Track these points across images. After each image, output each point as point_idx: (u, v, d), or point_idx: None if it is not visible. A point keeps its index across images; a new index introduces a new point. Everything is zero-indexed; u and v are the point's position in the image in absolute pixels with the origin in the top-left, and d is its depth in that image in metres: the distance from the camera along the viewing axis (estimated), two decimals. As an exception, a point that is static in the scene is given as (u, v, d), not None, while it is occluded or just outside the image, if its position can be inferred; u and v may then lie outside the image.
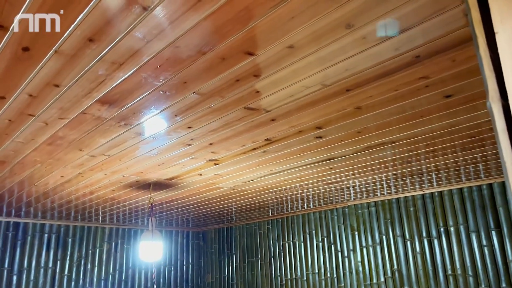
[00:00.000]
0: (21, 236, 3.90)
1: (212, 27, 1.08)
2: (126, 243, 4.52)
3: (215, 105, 1.57)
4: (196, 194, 3.19)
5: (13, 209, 3.56)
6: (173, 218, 4.38)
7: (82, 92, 1.42)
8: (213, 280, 4.92)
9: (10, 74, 1.27)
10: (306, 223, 4.13)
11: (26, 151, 2.02)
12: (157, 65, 1.26)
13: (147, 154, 2.16)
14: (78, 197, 3.15)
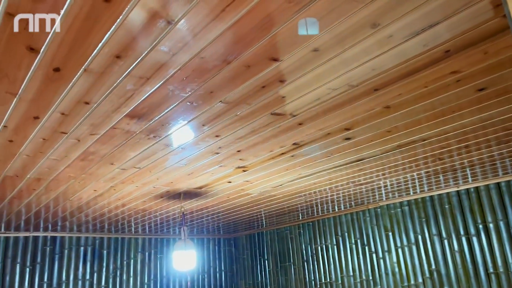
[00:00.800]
0: (58, 250, 4.01)
1: (236, 36, 1.08)
2: (159, 253, 4.58)
3: (242, 113, 1.58)
4: (226, 201, 3.20)
5: (50, 224, 3.66)
6: (204, 226, 4.40)
7: (112, 107, 1.44)
8: (247, 286, 4.91)
9: (43, 95, 1.31)
10: (338, 225, 4.08)
11: (60, 167, 2.07)
12: (183, 77, 1.27)
13: (177, 165, 2.18)
14: (110, 210, 3.21)
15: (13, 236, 3.81)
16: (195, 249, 2.82)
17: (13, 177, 2.17)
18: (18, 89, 1.26)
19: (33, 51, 1.07)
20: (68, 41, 1.05)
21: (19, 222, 3.44)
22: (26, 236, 3.88)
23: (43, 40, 1.03)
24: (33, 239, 3.91)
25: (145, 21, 0.99)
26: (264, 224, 4.55)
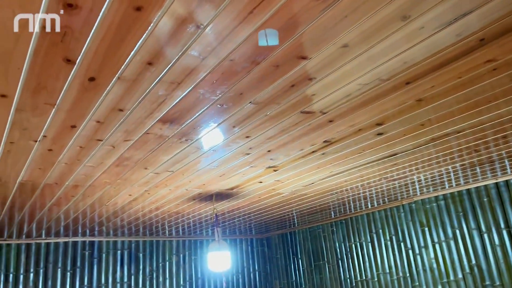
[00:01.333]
0: (96, 254, 4.12)
1: (264, 36, 1.09)
2: (193, 254, 4.64)
3: (272, 113, 1.58)
4: (257, 201, 3.21)
5: (88, 229, 3.77)
6: (236, 227, 4.43)
7: (145, 113, 1.48)
8: (281, 286, 4.91)
9: (79, 104, 1.35)
10: (371, 222, 4.02)
11: (96, 174, 2.13)
12: (213, 80, 1.29)
13: (208, 167, 2.20)
14: (145, 214, 3.28)
15: (54, 241, 3.95)
16: (229, 249, 2.84)
17: (52, 185, 2.25)
18: (56, 100, 1.30)
19: (69, 62, 1.11)
20: (102, 51, 1.08)
21: (58, 228, 3.57)
22: (66, 242, 4.01)
23: (78, 51, 1.06)
24: (72, 244, 4.03)
25: (175, 27, 1.01)
26: (296, 223, 4.53)
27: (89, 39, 1.02)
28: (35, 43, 1.01)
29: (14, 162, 1.82)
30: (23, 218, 3.01)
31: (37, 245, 3.87)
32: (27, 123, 1.45)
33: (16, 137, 1.56)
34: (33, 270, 3.79)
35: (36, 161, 1.85)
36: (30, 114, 1.39)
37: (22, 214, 2.87)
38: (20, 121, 1.43)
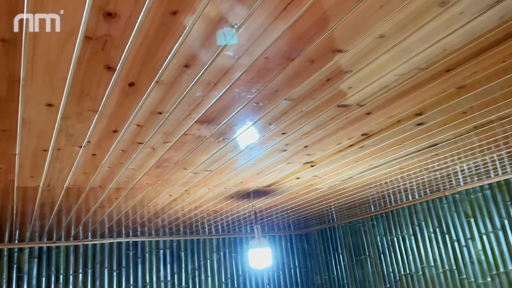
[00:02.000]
0: (140, 254, 4.24)
1: (298, 32, 1.08)
2: (234, 252, 4.68)
3: (307, 108, 1.57)
4: (295, 197, 3.20)
5: (131, 230, 3.89)
6: (275, 223, 4.44)
7: (183, 115, 1.50)
8: (322, 281, 4.88)
9: (120, 109, 1.39)
10: (413, 214, 3.92)
11: (138, 176, 2.19)
12: (249, 79, 1.30)
13: (246, 165, 2.22)
14: (185, 213, 3.34)
15: (100, 243, 4.09)
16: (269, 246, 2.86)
17: (96, 188, 2.33)
18: (98, 106, 1.35)
19: (110, 69, 1.14)
20: (141, 57, 1.11)
21: (103, 230, 3.69)
22: (111, 242, 4.14)
23: (118, 58, 1.10)
24: (117, 244, 4.17)
25: (209, 29, 1.02)
26: (335, 218, 4.49)
27: (128, 45, 1.05)
28: (78, 53, 1.05)
29: (61, 167, 1.90)
30: (70, 221, 3.13)
31: (84, 246, 4.02)
32: (72, 129, 1.51)
33: (63, 144, 1.63)
34: (82, 271, 3.94)
35: (81, 166, 1.92)
36: (75, 121, 1.44)
37: (69, 217, 2.99)
38: (66, 128, 1.49)
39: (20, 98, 1.23)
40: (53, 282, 3.80)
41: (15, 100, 1.24)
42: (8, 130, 1.44)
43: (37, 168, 1.87)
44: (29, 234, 3.45)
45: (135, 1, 0.89)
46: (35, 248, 3.80)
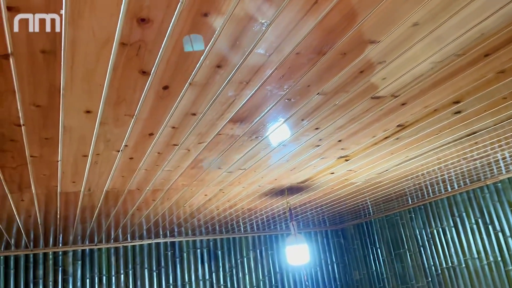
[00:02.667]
0: (178, 254, 4.31)
1: (329, 26, 1.07)
2: (270, 249, 4.69)
3: (340, 102, 1.55)
4: (330, 192, 3.17)
5: (168, 231, 3.96)
6: (310, 220, 4.42)
7: (216, 115, 1.52)
8: (361, 276, 4.83)
9: (155, 112, 1.42)
10: (453, 205, 3.81)
11: (174, 177, 2.23)
12: (280, 76, 1.29)
13: (279, 162, 2.22)
14: (220, 212, 3.37)
15: (139, 244, 4.19)
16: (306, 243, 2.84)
17: (134, 191, 2.38)
18: (134, 111, 1.38)
19: (144, 74, 1.17)
20: (174, 60, 1.12)
21: (141, 232, 3.78)
22: (149, 243, 4.24)
23: (152, 62, 1.12)
24: (155, 245, 4.26)
25: (240, 28, 1.03)
26: (371, 212, 4.42)
27: (161, 49, 1.06)
28: (113, 60, 1.07)
29: (100, 172, 1.96)
30: (110, 224, 3.22)
31: (124, 248, 4.13)
32: (110, 134, 1.55)
33: (101, 149, 1.68)
34: (123, 272, 4.05)
35: (120, 170, 1.97)
36: (112, 126, 1.48)
37: (109, 221, 3.08)
38: (104, 133, 1.53)
39: (61, 106, 1.27)
40: (96, 283, 3.92)
41: (56, 109, 1.29)
42: (51, 138, 1.49)
43: (78, 174, 1.94)
44: (72, 238, 3.58)
45: (167, 6, 0.91)
46: (78, 250, 3.93)
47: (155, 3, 0.89)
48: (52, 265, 3.81)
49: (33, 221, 2.77)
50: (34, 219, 2.71)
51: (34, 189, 2.06)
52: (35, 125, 1.38)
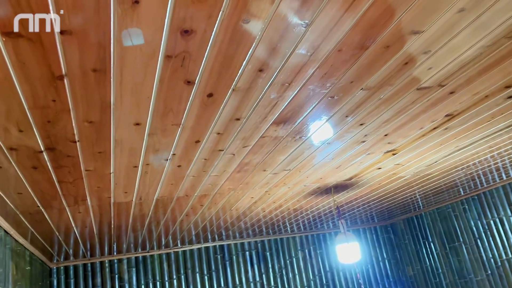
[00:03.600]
0: (227, 257, 4.37)
1: (371, 20, 1.05)
2: (318, 249, 4.66)
3: (385, 95, 1.52)
4: (377, 188, 3.11)
5: (216, 235, 4.02)
6: (357, 217, 4.35)
7: (259, 118, 1.53)
8: (414, 272, 4.69)
9: (201, 120, 1.45)
10: (509, 194, 3.63)
11: (220, 182, 2.26)
12: (323, 74, 1.28)
13: (324, 160, 2.20)
14: (267, 214, 3.39)
15: (189, 249, 4.28)
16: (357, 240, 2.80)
17: (183, 197, 2.44)
18: (181, 120, 1.41)
19: (189, 83, 1.19)
20: (217, 67, 1.14)
21: (190, 237, 3.86)
22: (199, 248, 4.32)
23: (196, 72, 1.14)
24: (205, 249, 4.33)
25: (281, 31, 1.03)
26: (421, 206, 4.29)
27: (204, 58, 1.09)
28: (159, 72, 1.10)
29: (150, 181, 2.01)
30: (160, 231, 3.31)
31: (175, 253, 4.23)
32: (159, 144, 1.60)
33: (151, 159, 1.73)
34: (176, 277, 4.15)
35: (168, 178, 2.03)
36: (160, 136, 1.52)
37: (159, 228, 3.16)
38: (153, 144, 1.58)
39: (112, 121, 1.33)
40: (151, 288, 4.04)
41: (107, 124, 1.34)
42: (103, 151, 1.56)
43: (130, 184, 2.00)
44: (126, 246, 3.70)
45: (209, 16, 0.92)
46: (132, 258, 4.07)
47: (197, 14, 0.91)
48: (108, 273, 3.95)
49: (89, 232, 2.89)
50: (90, 230, 2.83)
51: (90, 201, 2.15)
52: (88, 140, 1.44)
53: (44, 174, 1.68)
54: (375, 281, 4.71)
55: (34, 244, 2.92)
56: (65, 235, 2.86)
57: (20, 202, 1.98)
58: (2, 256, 2.22)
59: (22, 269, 2.67)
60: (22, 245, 2.70)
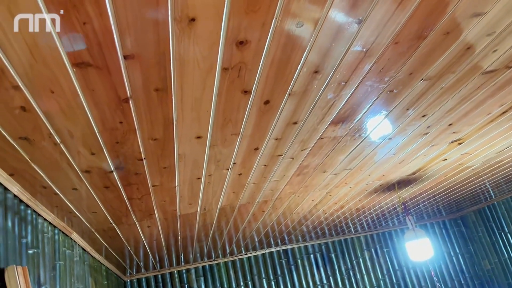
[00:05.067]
0: (292, 261, 4.35)
1: (428, 8, 1.01)
2: (385, 247, 4.52)
3: (447, 84, 1.45)
4: (444, 180, 2.97)
5: (279, 240, 4.02)
6: (423, 211, 4.17)
7: (317, 120, 1.51)
8: (492, 265, 4.42)
9: (259, 127, 1.46)
10: None
11: (281, 186, 2.26)
12: (380, 69, 1.25)
13: (386, 156, 2.14)
14: (328, 215, 3.34)
15: (253, 255, 4.31)
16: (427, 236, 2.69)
17: (245, 204, 2.46)
18: (239, 129, 1.43)
19: (246, 93, 1.21)
20: (272, 74, 1.15)
21: (254, 244, 3.89)
22: (263, 253, 4.34)
23: (252, 81, 1.15)
24: (269, 255, 4.34)
25: (335, 29, 1.01)
26: (492, 195, 4.04)
27: (260, 67, 1.09)
28: (217, 85, 1.13)
29: (213, 191, 2.06)
30: (224, 240, 3.37)
31: (240, 260, 4.27)
32: (220, 155, 1.63)
33: (212, 169, 1.77)
34: (243, 283, 4.19)
35: (230, 186, 2.06)
36: (221, 147, 1.55)
37: (223, 236, 3.22)
38: (214, 155, 1.61)
39: (175, 136, 1.37)
40: (220, 296, 4.11)
41: (171, 140, 1.39)
42: (168, 166, 1.61)
43: (194, 195, 2.06)
44: (192, 256, 3.80)
45: (262, 24, 0.93)
46: (199, 267, 4.16)
47: (251, 24, 0.92)
48: (178, 283, 4.07)
49: (158, 244, 2.99)
50: (158, 242, 2.93)
51: (157, 214, 2.24)
52: (154, 157, 1.50)
53: (115, 193, 1.76)
54: (449, 278, 4.48)
55: (109, 259, 3.07)
56: (136, 249, 2.99)
57: (95, 220, 2.09)
58: (82, 272, 2.36)
59: (100, 283, 2.82)
60: (98, 260, 2.85)
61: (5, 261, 1.34)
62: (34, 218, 1.67)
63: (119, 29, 0.84)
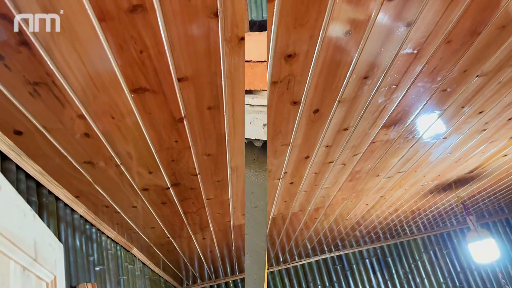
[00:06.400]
0: (347, 267, 4.27)
1: (481, 3, 0.97)
2: (444, 248, 4.34)
3: (505, 78, 1.39)
4: (505, 177, 2.82)
5: (332, 246, 3.97)
6: (483, 210, 3.97)
7: (368, 125, 1.49)
8: None
9: (308, 136, 1.45)
10: None
11: (333, 193, 2.24)
12: (432, 69, 1.21)
13: (441, 156, 2.06)
14: (383, 219, 3.25)
15: (307, 262, 4.27)
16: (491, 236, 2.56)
17: (297, 212, 2.46)
18: (290, 139, 1.44)
19: (295, 104, 1.21)
20: (321, 83, 1.14)
21: (307, 251, 3.86)
22: (317, 260, 4.29)
23: (301, 92, 1.15)
24: (323, 261, 4.29)
25: (384, 34, 1.00)
26: (560, 189, 3.78)
27: (308, 78, 1.10)
28: (268, 99, 1.14)
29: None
30: (277, 247, 3.36)
31: (294, 268, 4.25)
32: (271, 165, 1.64)
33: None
34: (299, 291, 4.16)
35: (282, 196, 2.06)
36: (272, 158, 1.56)
37: (276, 244, 3.22)
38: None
39: (227, 151, 1.39)
40: (277, 304, 4.10)
41: (223, 154, 1.41)
42: (221, 180, 1.64)
43: (247, 207, 2.08)
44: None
45: (310, 36, 0.93)
46: (254, 276, 4.17)
47: (299, 37, 0.93)
48: (234, 292, 4.11)
49: (212, 255, 3.04)
50: (213, 253, 2.98)
51: (212, 227, 2.28)
52: (208, 171, 1.53)
53: (172, 208, 1.81)
54: (518, 279, 4.23)
55: (166, 271, 3.16)
56: (192, 260, 3.05)
57: (153, 235, 2.16)
58: (143, 286, 2.44)
59: (160, 295, 2.90)
60: (157, 273, 2.94)
61: (76, 279, 1.41)
62: (98, 236, 1.75)
63: (173, 54, 0.88)
